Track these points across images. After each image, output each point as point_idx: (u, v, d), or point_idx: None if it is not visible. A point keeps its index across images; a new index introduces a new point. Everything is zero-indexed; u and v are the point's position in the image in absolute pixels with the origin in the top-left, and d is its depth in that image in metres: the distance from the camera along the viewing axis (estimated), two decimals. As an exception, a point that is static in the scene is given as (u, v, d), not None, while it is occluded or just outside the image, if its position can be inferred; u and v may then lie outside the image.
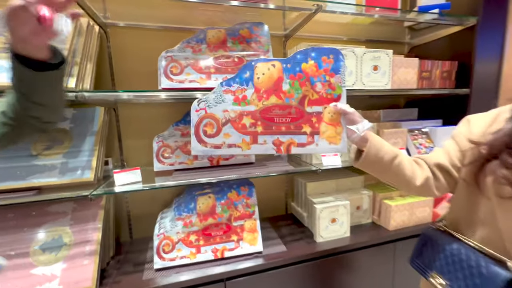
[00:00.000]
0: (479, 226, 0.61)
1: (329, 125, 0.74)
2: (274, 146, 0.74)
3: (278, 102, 0.74)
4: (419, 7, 1.20)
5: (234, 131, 0.74)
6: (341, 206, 1.19)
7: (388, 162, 0.67)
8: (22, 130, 0.58)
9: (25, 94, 0.53)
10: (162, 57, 0.97)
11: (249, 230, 1.09)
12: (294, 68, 0.73)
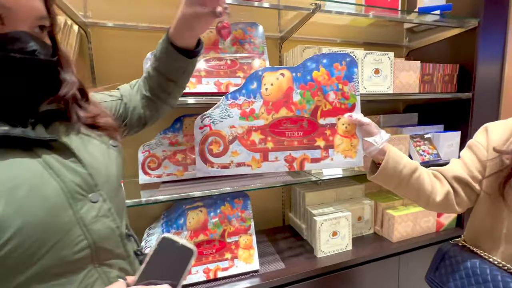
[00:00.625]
0: (503, 242, 0.56)
1: (343, 137, 0.68)
2: (286, 163, 0.67)
3: (289, 115, 0.68)
4: (419, 8, 1.15)
5: (242, 148, 0.67)
6: (343, 218, 1.11)
7: (407, 175, 0.62)
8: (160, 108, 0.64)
9: (165, 74, 0.59)
10: (148, 59, 0.89)
11: (244, 247, 1.00)
12: (304, 77, 0.67)
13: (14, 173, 0.33)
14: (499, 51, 1.21)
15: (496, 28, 1.19)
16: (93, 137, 0.46)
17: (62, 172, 0.37)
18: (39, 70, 0.36)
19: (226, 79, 0.95)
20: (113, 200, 0.44)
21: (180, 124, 1.06)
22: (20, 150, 0.35)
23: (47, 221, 0.34)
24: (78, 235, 0.37)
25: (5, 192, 0.31)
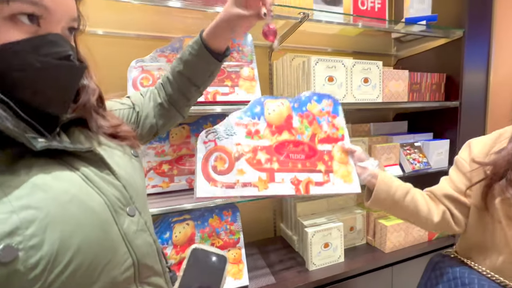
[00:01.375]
0: (493, 252, 0.57)
1: (340, 163, 0.70)
2: (292, 186, 0.65)
3: (291, 138, 0.69)
4: (406, 18, 1.17)
5: (249, 167, 0.63)
6: (334, 229, 1.09)
7: (400, 198, 0.63)
8: (173, 117, 0.63)
9: (190, 78, 0.58)
10: (132, 67, 0.86)
11: (233, 261, 0.96)
12: (301, 108, 0.72)
13: (63, 186, 0.30)
14: (484, 60, 1.24)
15: (480, 38, 1.22)
16: (115, 148, 0.43)
17: (102, 185, 0.35)
18: (72, 76, 0.35)
19: (214, 88, 0.92)
20: (145, 213, 0.41)
21: (167, 134, 1.03)
22: (54, 161, 0.32)
23: (100, 239, 0.31)
24: (124, 253, 0.35)
25: (61, 208, 0.29)
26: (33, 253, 0.26)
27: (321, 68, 0.98)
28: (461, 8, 1.19)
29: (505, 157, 0.53)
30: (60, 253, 0.27)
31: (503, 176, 0.52)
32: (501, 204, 0.53)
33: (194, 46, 0.55)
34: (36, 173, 0.29)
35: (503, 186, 0.52)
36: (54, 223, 0.28)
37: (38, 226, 0.26)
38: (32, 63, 0.29)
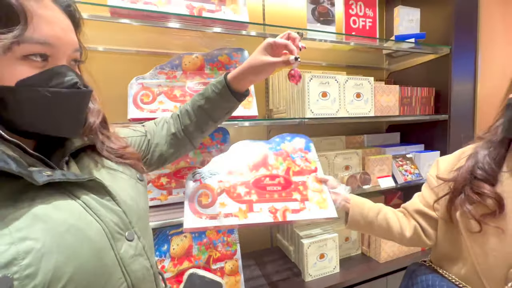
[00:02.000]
0: (459, 262, 0.60)
1: (314, 192, 0.78)
2: (270, 214, 0.72)
3: (267, 173, 0.78)
4: (396, 36, 1.22)
5: (229, 200, 0.71)
6: (330, 239, 1.11)
7: (373, 217, 0.69)
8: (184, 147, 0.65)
9: (209, 113, 0.61)
10: (132, 84, 0.89)
11: (230, 273, 0.97)
12: (275, 147, 0.84)
13: (62, 216, 0.32)
14: (471, 75, 1.29)
15: (467, 53, 1.28)
16: (121, 171, 0.45)
17: (101, 212, 0.37)
18: (81, 101, 0.38)
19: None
20: (145, 237, 0.42)
21: (165, 146, 1.05)
22: (57, 191, 0.34)
23: (95, 266, 0.33)
24: (119, 278, 0.36)
25: (59, 239, 0.30)
26: (27, 282, 0.27)
27: (315, 84, 1.02)
28: (447, 26, 1.25)
29: (462, 174, 0.57)
30: (54, 281, 0.29)
31: (462, 191, 0.56)
32: (461, 217, 0.56)
33: (218, 85, 0.59)
34: (38, 204, 0.31)
35: (461, 201, 0.56)
36: (49, 253, 0.29)
37: (34, 257, 0.28)
38: (44, 94, 0.33)
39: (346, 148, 1.37)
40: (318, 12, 1.07)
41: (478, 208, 0.53)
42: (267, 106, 1.32)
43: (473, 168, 0.57)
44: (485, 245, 0.53)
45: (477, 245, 0.54)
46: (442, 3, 1.27)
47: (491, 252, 0.52)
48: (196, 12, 0.86)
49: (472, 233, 0.54)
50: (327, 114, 1.05)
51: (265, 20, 1.25)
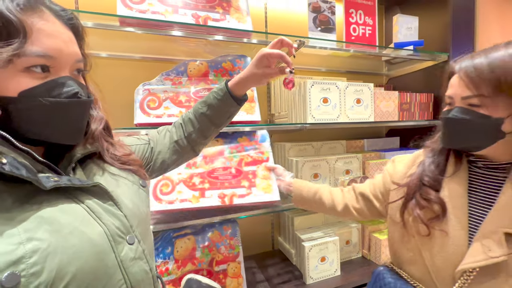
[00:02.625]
0: (414, 263, 0.62)
1: (262, 179, 0.94)
2: (219, 199, 0.88)
3: (221, 165, 0.93)
4: (395, 43, 1.26)
5: (186, 188, 0.87)
6: (331, 243, 1.12)
7: (311, 198, 0.83)
8: (186, 154, 0.69)
9: (212, 119, 0.65)
10: (139, 90, 0.91)
11: (232, 276, 0.99)
12: (231, 142, 0.99)
13: (67, 219, 0.34)
14: (468, 82, 1.32)
15: (464, 62, 1.30)
16: (125, 178, 0.47)
17: (104, 216, 0.38)
18: (81, 110, 0.40)
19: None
20: (145, 242, 0.44)
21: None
22: (63, 195, 0.36)
23: (96, 267, 0.35)
24: (119, 280, 0.37)
25: (63, 240, 0.32)
26: (33, 280, 0.29)
27: (316, 90, 1.05)
28: (445, 33, 1.28)
29: (414, 181, 0.61)
30: (57, 279, 0.31)
31: (413, 197, 0.60)
32: (413, 222, 0.60)
33: (219, 92, 0.64)
34: (45, 208, 0.33)
35: (413, 206, 0.59)
36: (54, 253, 0.31)
37: (40, 256, 0.30)
38: (45, 103, 0.35)
39: (347, 152, 1.39)
40: (319, 20, 1.10)
41: (427, 213, 0.57)
42: (269, 111, 1.35)
43: (421, 175, 0.60)
44: (433, 248, 0.56)
45: (426, 248, 0.57)
46: (440, 11, 1.30)
47: (438, 253, 0.56)
48: (202, 21, 0.89)
49: (422, 236, 0.58)
50: (328, 120, 1.08)
51: (267, 26, 1.29)
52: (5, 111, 0.33)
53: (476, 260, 0.50)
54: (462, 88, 0.52)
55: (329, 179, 1.20)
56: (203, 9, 0.91)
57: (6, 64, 0.32)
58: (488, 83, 0.48)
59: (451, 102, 0.56)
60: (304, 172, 1.14)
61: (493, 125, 0.50)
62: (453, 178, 0.58)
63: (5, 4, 0.32)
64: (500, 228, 0.50)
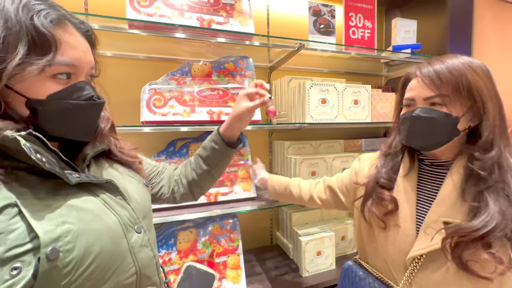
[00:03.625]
0: (376, 255, 0.67)
1: (243, 179, 1.12)
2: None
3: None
4: (393, 46, 1.29)
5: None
6: (326, 238, 1.17)
7: (282, 191, 0.92)
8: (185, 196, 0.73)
9: (210, 165, 0.71)
10: (145, 89, 0.96)
11: (232, 267, 1.04)
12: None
13: (89, 208, 0.40)
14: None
15: (461, 65, 1.34)
16: (132, 176, 0.53)
17: (116, 207, 0.44)
18: (96, 111, 0.46)
19: (218, 108, 1.03)
20: (149, 232, 0.50)
21: (173, 147, 1.12)
22: (82, 189, 0.42)
23: (113, 249, 0.40)
24: (129, 263, 0.43)
25: (88, 224, 0.38)
26: (67, 255, 0.35)
27: (315, 91, 1.09)
28: (443, 37, 1.31)
29: (371, 181, 0.68)
30: (85, 256, 0.36)
31: (371, 196, 0.66)
32: (373, 217, 0.66)
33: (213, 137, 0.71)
34: (71, 198, 0.39)
35: (370, 203, 0.66)
36: (82, 234, 0.37)
37: (72, 236, 0.36)
38: (67, 105, 0.41)
39: (344, 151, 1.43)
40: (319, 23, 1.14)
41: (381, 209, 0.64)
42: (270, 110, 1.39)
43: (376, 177, 0.67)
44: (388, 239, 0.62)
45: (383, 239, 0.64)
46: (438, 14, 1.33)
47: (391, 243, 0.62)
48: (206, 24, 0.93)
49: (380, 229, 0.64)
50: (326, 120, 1.12)
51: (269, 28, 1.33)
52: (33, 112, 0.39)
53: (421, 248, 0.56)
54: (425, 89, 0.57)
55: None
56: (208, 12, 0.95)
57: (40, 73, 0.37)
58: (448, 84, 0.54)
59: (411, 104, 0.60)
60: (302, 170, 1.18)
61: (453, 123, 0.55)
62: (405, 177, 0.64)
63: (40, 20, 0.37)
64: (440, 217, 0.56)
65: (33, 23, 0.36)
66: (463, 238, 0.51)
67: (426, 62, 0.60)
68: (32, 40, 0.36)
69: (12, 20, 0.35)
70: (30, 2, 0.37)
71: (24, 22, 0.36)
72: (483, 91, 0.54)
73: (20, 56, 0.35)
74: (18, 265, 0.31)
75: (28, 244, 0.32)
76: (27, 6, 0.37)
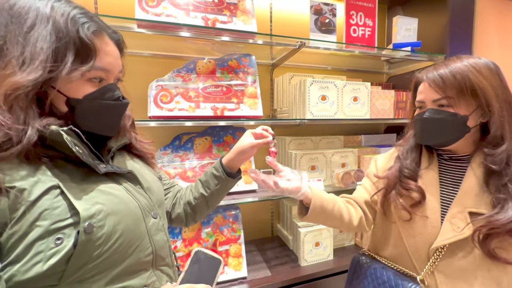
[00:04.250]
0: (389, 246, 0.71)
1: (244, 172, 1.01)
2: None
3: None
4: (393, 44, 1.31)
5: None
6: (325, 230, 1.22)
7: (330, 210, 0.69)
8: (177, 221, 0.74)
9: (207, 191, 0.71)
10: (153, 85, 1.01)
11: (234, 255, 1.10)
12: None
13: (115, 193, 0.46)
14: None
15: (460, 63, 1.35)
16: (149, 170, 0.60)
17: (136, 195, 0.51)
18: (122, 110, 0.52)
19: (222, 104, 1.07)
20: (163, 219, 0.56)
21: (179, 141, 1.17)
22: (108, 178, 0.48)
23: (134, 230, 0.47)
24: (147, 243, 0.50)
25: (115, 206, 0.44)
26: (99, 230, 0.41)
27: (315, 89, 1.13)
28: (443, 34, 1.33)
29: (393, 173, 0.70)
30: (112, 233, 0.43)
31: (394, 188, 0.68)
32: (395, 209, 0.68)
33: (216, 166, 0.72)
34: (100, 184, 0.45)
35: (394, 195, 0.68)
36: (110, 214, 0.43)
37: (103, 215, 0.42)
38: (99, 104, 0.47)
39: (344, 147, 1.47)
40: (320, 22, 1.16)
41: (407, 200, 0.66)
42: (272, 106, 1.43)
43: (400, 168, 0.69)
44: (413, 230, 0.66)
45: (407, 231, 0.67)
46: (439, 12, 1.35)
47: (417, 235, 0.65)
48: (211, 24, 0.97)
49: (404, 221, 0.67)
50: (326, 116, 1.16)
51: (272, 26, 1.36)
52: (71, 109, 0.45)
53: (448, 237, 0.60)
54: (432, 92, 0.62)
55: (326, 172, 1.29)
56: (212, 12, 0.99)
57: (81, 77, 0.43)
58: (452, 87, 0.58)
59: (422, 106, 0.65)
60: (302, 164, 1.23)
61: (461, 121, 0.59)
62: (427, 169, 0.68)
63: (84, 32, 0.43)
64: (465, 208, 0.60)
65: (79, 35, 0.42)
66: (496, 229, 0.54)
67: (432, 67, 0.64)
68: (78, 49, 0.42)
69: (63, 31, 0.41)
70: (76, 15, 0.43)
71: (71, 33, 0.41)
72: (487, 90, 0.58)
73: (70, 64, 0.41)
74: (61, 236, 0.38)
75: (69, 219, 0.39)
76: (74, 18, 0.42)
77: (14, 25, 0.40)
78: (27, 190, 0.37)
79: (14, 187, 0.37)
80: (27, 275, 0.35)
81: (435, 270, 0.62)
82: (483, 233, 0.55)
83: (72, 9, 0.43)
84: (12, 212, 0.36)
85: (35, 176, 0.39)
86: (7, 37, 0.39)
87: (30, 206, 0.37)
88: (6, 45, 0.39)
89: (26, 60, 0.39)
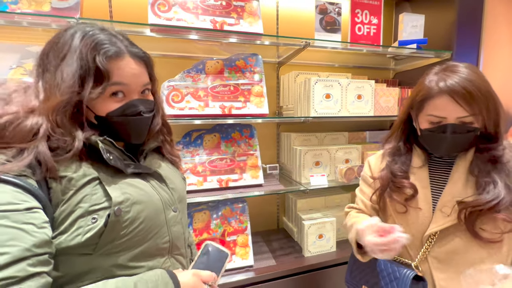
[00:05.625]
0: None
1: (251, 167, 1.22)
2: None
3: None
4: (399, 41, 1.32)
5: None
6: (328, 223, 1.27)
7: None
8: None
9: None
10: (164, 85, 1.07)
11: (241, 245, 1.17)
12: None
13: (141, 187, 0.55)
14: (470, 79, 1.37)
15: (468, 58, 1.35)
16: (175, 171, 0.68)
17: (159, 190, 0.59)
18: (143, 124, 0.58)
19: (230, 102, 1.13)
20: (183, 214, 0.64)
21: (189, 138, 1.24)
22: (137, 175, 0.56)
23: (155, 218, 0.55)
24: (165, 231, 0.57)
25: (140, 197, 0.53)
26: (126, 214, 0.50)
27: (319, 87, 1.16)
28: (450, 31, 1.32)
29: (386, 174, 0.75)
30: (136, 219, 0.51)
31: (388, 186, 0.74)
32: (390, 203, 0.75)
33: None
34: (128, 180, 0.54)
35: (389, 193, 0.74)
36: (135, 203, 0.52)
37: (130, 203, 0.51)
38: (120, 120, 0.54)
39: (349, 143, 1.50)
40: (326, 21, 1.19)
41: (402, 195, 0.72)
42: (278, 103, 1.48)
43: (391, 169, 0.75)
44: (409, 221, 0.71)
45: (402, 221, 0.72)
46: (446, 9, 1.34)
47: (411, 224, 0.71)
48: (219, 26, 1.02)
49: (399, 213, 0.73)
50: (330, 114, 1.19)
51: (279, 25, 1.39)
52: (99, 123, 0.53)
53: (439, 224, 0.66)
54: (458, 109, 0.60)
55: (330, 167, 1.33)
56: (220, 15, 1.03)
57: (99, 95, 0.50)
58: (479, 102, 0.59)
59: (442, 120, 0.63)
60: (307, 160, 1.28)
61: (476, 133, 0.64)
62: (420, 167, 0.73)
63: (99, 59, 0.49)
64: (454, 197, 0.65)
65: (95, 63, 0.49)
66: (476, 208, 0.60)
67: (442, 74, 0.62)
68: (95, 74, 0.49)
69: (84, 60, 0.48)
70: (99, 42, 0.49)
71: (90, 61, 0.48)
72: (499, 103, 0.62)
73: (90, 87, 0.48)
74: (96, 216, 0.47)
75: (104, 203, 0.48)
76: (96, 47, 0.49)
77: (54, 55, 0.49)
78: (74, 179, 0.47)
79: (65, 177, 0.47)
80: (70, 243, 0.45)
81: (428, 255, 0.68)
82: (468, 212, 0.62)
83: (98, 36, 0.50)
84: (63, 194, 0.46)
85: (81, 169, 0.49)
86: (47, 65, 0.49)
87: (76, 191, 0.47)
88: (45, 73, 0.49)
89: (58, 85, 0.47)
